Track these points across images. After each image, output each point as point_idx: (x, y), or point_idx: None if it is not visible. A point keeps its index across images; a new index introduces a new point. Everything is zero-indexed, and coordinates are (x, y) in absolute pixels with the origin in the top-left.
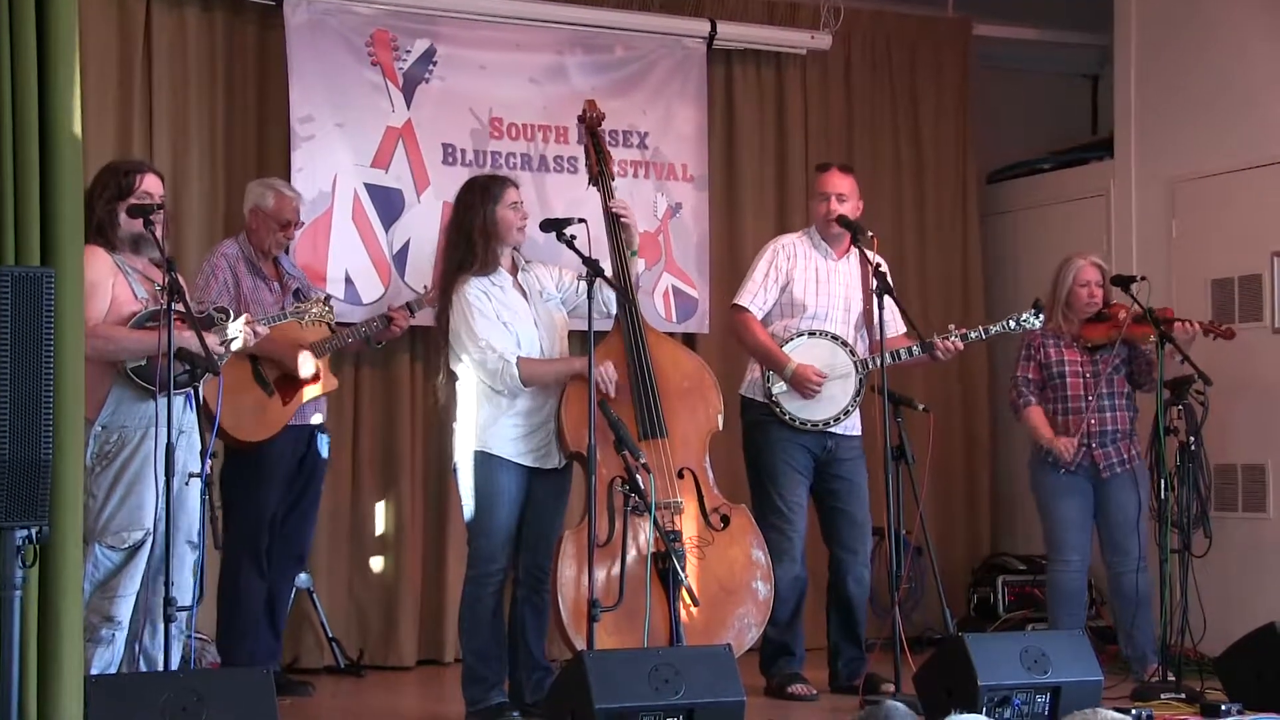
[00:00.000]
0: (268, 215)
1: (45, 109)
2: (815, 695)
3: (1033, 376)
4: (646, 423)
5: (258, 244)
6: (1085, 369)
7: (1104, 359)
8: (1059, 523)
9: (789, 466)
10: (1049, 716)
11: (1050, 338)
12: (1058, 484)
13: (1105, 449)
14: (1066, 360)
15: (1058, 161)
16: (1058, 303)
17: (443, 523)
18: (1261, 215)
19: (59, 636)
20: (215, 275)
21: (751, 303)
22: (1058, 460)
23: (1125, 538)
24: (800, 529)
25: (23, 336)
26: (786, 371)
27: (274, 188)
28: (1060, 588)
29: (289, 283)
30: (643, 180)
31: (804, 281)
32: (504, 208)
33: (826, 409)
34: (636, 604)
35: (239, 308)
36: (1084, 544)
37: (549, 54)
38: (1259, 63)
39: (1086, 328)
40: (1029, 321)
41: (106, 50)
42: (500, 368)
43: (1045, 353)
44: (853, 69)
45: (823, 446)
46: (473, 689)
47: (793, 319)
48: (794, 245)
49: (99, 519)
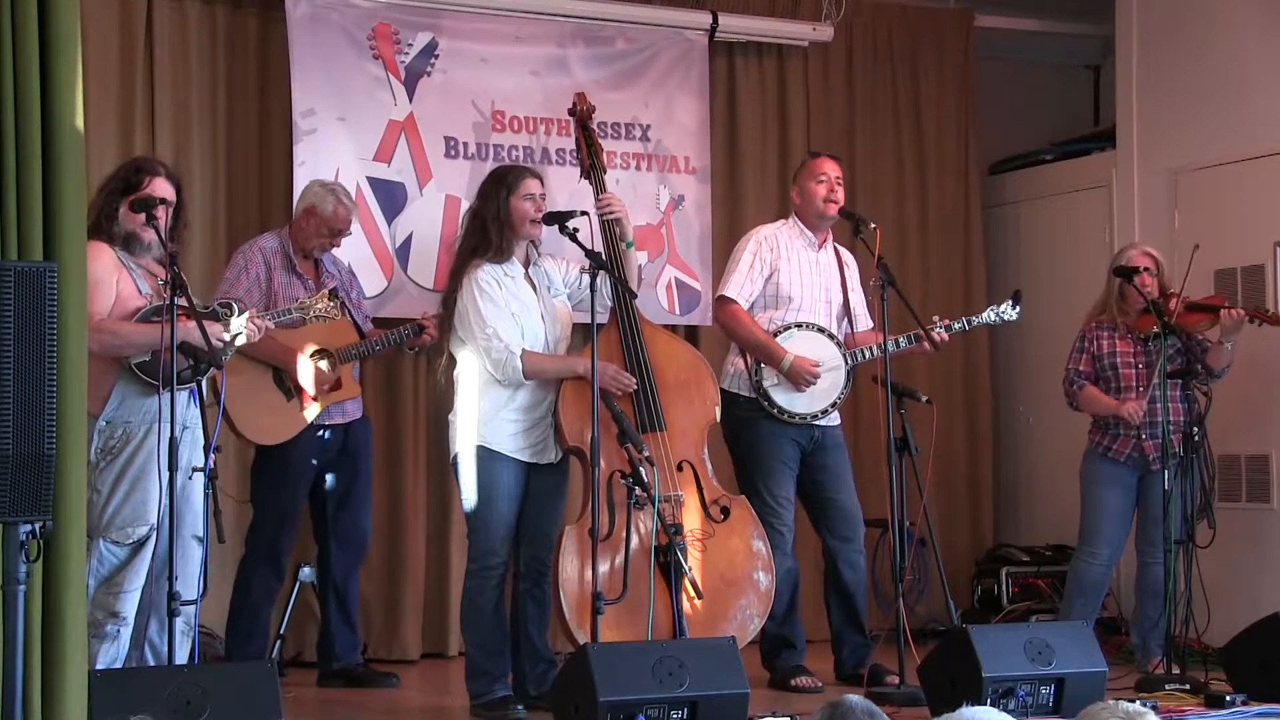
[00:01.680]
0: (323, 220)
1: (47, 103)
2: (820, 687)
3: (1084, 369)
4: (644, 416)
5: (301, 243)
6: (1139, 359)
7: (1158, 349)
8: (1098, 512)
9: (778, 461)
10: (1053, 707)
11: (1105, 329)
12: (1104, 473)
13: (1156, 440)
14: (1119, 351)
15: (1060, 152)
16: (1112, 294)
17: (445, 516)
18: (1264, 205)
19: (63, 631)
20: (248, 269)
21: (739, 294)
22: (1114, 448)
23: (1158, 530)
24: (789, 522)
25: (26, 331)
26: (784, 364)
27: (336, 194)
28: (1083, 577)
29: (326, 281)
30: (645, 172)
31: (789, 272)
32: (519, 198)
33: (816, 402)
34: (638, 597)
35: (268, 303)
36: (1117, 539)
37: (550, 46)
38: (1261, 53)
39: (1141, 319)
40: (1007, 313)
41: (108, 44)
42: (505, 358)
43: (1098, 344)
44: (855, 61)
45: (809, 438)
46: (476, 682)
47: (777, 310)
48: (775, 236)
49: (104, 514)
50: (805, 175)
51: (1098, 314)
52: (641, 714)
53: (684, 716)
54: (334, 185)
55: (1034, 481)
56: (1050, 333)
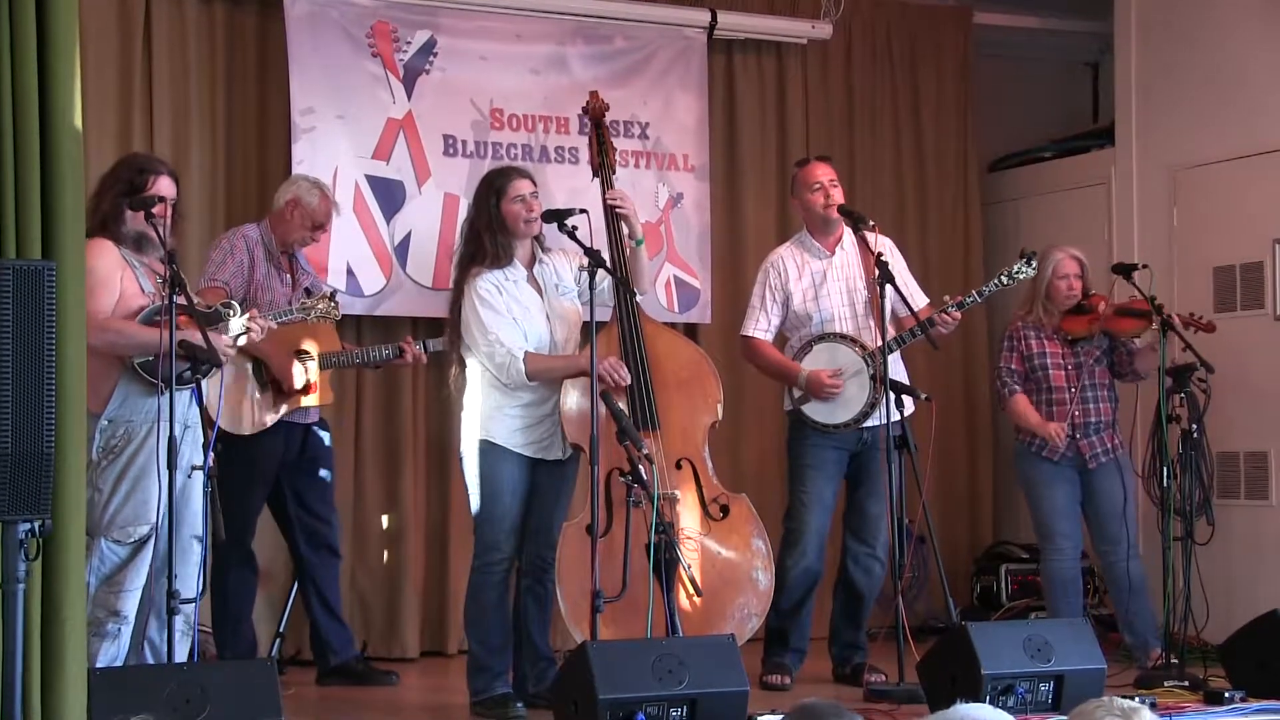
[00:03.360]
0: (307, 212)
1: (46, 101)
2: (788, 685)
3: (1016, 367)
4: (639, 414)
5: (283, 236)
6: (1068, 360)
7: (1086, 351)
8: (1049, 511)
9: (814, 462)
10: (1053, 704)
11: (1031, 329)
12: (1045, 473)
13: (1090, 439)
14: (1048, 353)
15: (1059, 149)
16: (1038, 295)
17: (445, 513)
18: (1263, 202)
19: (62, 629)
20: (233, 254)
21: (755, 329)
22: (1046, 448)
23: (1114, 526)
24: (813, 523)
25: (24, 330)
26: (800, 381)
27: (321, 188)
28: (1055, 576)
29: (302, 279)
30: (644, 170)
31: (801, 293)
32: (508, 201)
33: (849, 410)
34: (637, 595)
35: (249, 292)
36: (1074, 530)
37: (549, 44)
38: (1260, 50)
39: (1066, 320)
40: (1022, 271)
41: (107, 42)
42: (507, 362)
43: (1027, 344)
44: (853, 58)
45: (858, 441)
46: (477, 679)
47: (803, 329)
48: (783, 261)
49: (105, 514)
50: (800, 187)
51: (1025, 314)
52: (641, 712)
53: (683, 714)
54: (319, 180)
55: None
56: None
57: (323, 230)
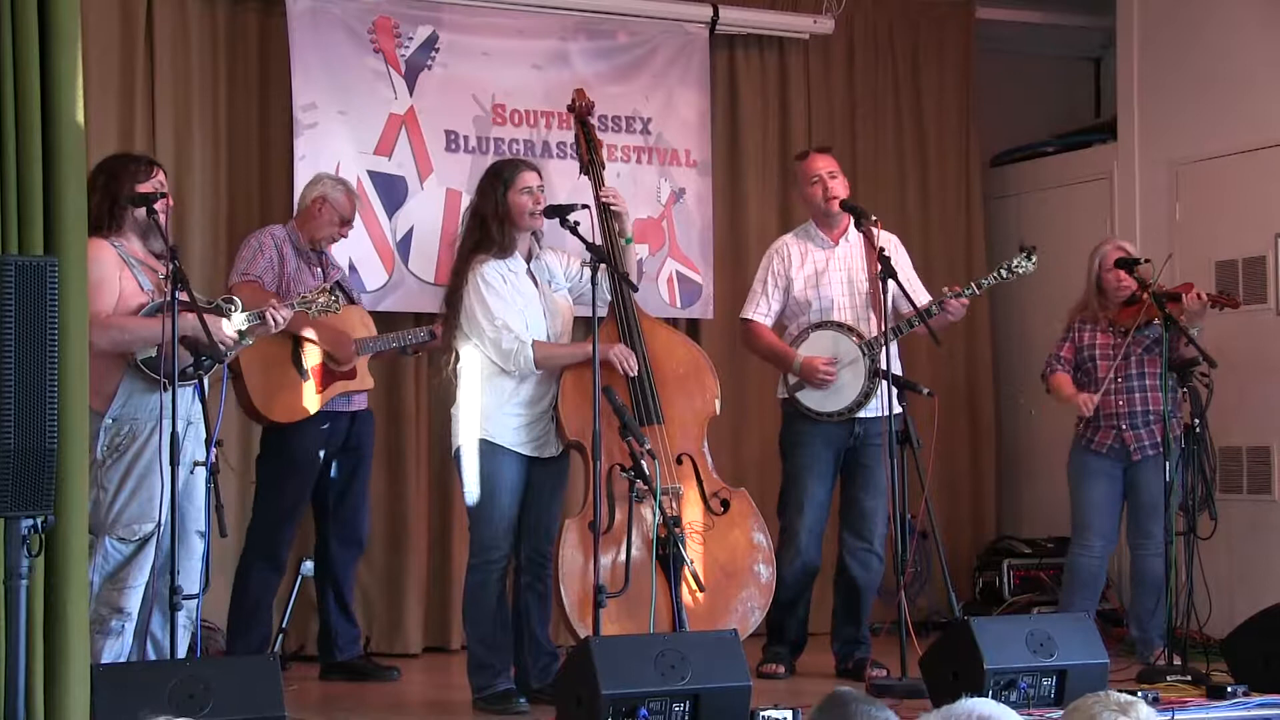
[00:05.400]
0: (335, 209)
1: (48, 98)
2: (783, 674)
3: (1065, 355)
4: (642, 409)
5: (311, 233)
6: (1117, 351)
7: (1136, 340)
8: (1085, 505)
9: (808, 459)
10: (1055, 699)
11: (1088, 323)
12: (1088, 466)
13: (1136, 431)
14: (1098, 344)
15: (1061, 144)
16: (1091, 289)
17: (447, 510)
18: (1265, 197)
19: (65, 625)
20: (263, 250)
21: (755, 313)
22: (1094, 440)
23: (1149, 520)
24: (809, 520)
25: (27, 326)
26: (795, 367)
27: (345, 185)
28: (1078, 571)
29: (332, 273)
30: (646, 166)
31: (802, 280)
32: (516, 192)
33: (843, 398)
34: (639, 590)
35: (282, 286)
36: (1108, 530)
37: (551, 40)
38: (1262, 44)
39: (1122, 312)
40: (1022, 266)
41: (109, 38)
42: (515, 348)
43: (1080, 336)
44: (855, 53)
45: (851, 433)
46: (479, 676)
47: (802, 316)
48: (787, 247)
49: (109, 512)
50: (801, 180)
51: (1080, 309)
52: (644, 707)
53: (686, 709)
54: (342, 178)
55: (1036, 474)
56: (1051, 324)
57: (349, 225)
